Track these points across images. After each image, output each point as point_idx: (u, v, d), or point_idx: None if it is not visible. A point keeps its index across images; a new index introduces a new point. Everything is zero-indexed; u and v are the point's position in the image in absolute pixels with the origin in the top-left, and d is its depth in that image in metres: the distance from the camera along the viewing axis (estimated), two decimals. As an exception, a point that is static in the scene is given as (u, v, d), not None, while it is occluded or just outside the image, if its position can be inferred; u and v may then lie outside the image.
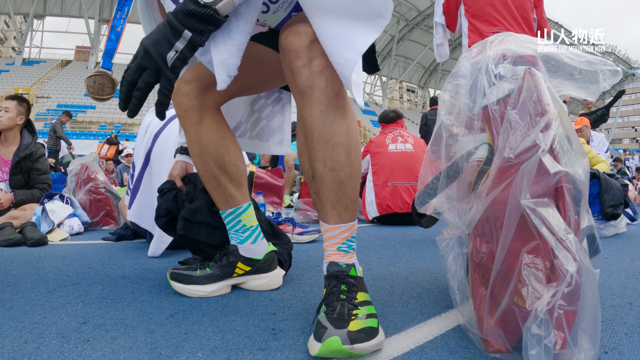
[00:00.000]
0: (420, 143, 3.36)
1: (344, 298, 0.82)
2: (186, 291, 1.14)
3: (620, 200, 2.49)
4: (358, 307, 0.81)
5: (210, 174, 1.15)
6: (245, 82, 1.15)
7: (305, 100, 0.84)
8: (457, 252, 0.88)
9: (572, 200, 0.72)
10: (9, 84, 23.66)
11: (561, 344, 0.66)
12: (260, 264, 1.20)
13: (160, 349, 0.79)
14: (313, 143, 0.86)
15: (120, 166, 7.79)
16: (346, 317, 0.77)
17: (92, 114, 22.51)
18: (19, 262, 1.60)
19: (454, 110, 0.90)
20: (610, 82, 0.80)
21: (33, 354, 0.75)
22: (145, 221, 1.89)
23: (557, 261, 0.68)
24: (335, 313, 0.78)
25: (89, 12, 28.96)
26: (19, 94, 3.00)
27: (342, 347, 0.70)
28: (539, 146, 0.71)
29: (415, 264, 1.60)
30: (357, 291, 0.85)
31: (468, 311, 0.82)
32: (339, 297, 0.82)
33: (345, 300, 0.81)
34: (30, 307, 1.02)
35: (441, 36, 2.46)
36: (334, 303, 0.81)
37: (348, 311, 0.79)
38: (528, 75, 0.78)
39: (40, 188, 2.60)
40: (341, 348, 0.70)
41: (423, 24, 31.91)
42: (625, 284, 1.30)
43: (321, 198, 0.89)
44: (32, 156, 2.59)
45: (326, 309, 0.81)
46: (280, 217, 2.47)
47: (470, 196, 0.85)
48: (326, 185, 0.87)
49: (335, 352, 0.71)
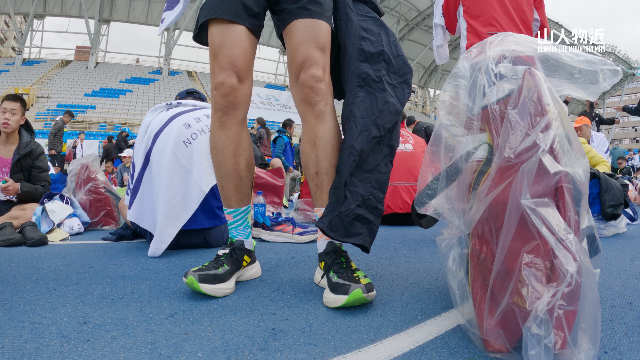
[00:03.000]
0: (420, 143, 3.35)
1: (345, 267, 1.13)
2: (215, 291, 1.12)
3: (620, 200, 2.49)
4: (356, 270, 1.13)
5: (238, 174, 1.26)
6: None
7: (319, 121, 1.22)
8: (457, 252, 0.88)
9: (572, 200, 0.72)
10: (9, 84, 23.64)
11: (561, 344, 0.66)
12: (254, 255, 1.36)
13: (160, 349, 0.79)
14: (323, 148, 1.22)
15: (120, 166, 7.78)
16: (355, 277, 1.06)
17: (92, 114, 22.50)
18: (19, 262, 1.60)
19: (454, 111, 0.90)
20: (610, 82, 0.80)
21: (33, 354, 0.75)
22: (145, 221, 1.89)
23: (557, 261, 0.68)
24: (346, 275, 1.07)
25: (89, 12, 28.95)
26: (18, 94, 3.00)
27: (363, 295, 0.99)
28: (539, 146, 0.71)
29: (415, 264, 1.60)
30: (350, 261, 1.18)
31: (468, 311, 0.82)
32: (342, 266, 1.13)
33: (347, 268, 1.12)
34: (30, 307, 1.02)
35: (441, 38, 2.45)
36: (340, 270, 1.11)
37: (352, 274, 1.09)
38: (528, 75, 0.78)
39: (42, 185, 2.62)
40: (362, 296, 0.99)
41: (423, 24, 31.91)
42: (625, 284, 1.30)
43: (323, 188, 1.22)
44: (32, 154, 2.61)
45: (337, 274, 1.09)
46: (280, 217, 2.47)
47: (470, 196, 0.85)
48: (329, 177, 1.21)
49: (357, 300, 1.00)
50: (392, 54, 1.27)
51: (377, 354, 0.78)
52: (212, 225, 1.93)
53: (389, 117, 1.19)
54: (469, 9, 2.14)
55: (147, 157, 1.90)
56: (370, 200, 1.15)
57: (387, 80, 1.23)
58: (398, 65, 1.27)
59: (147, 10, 30.43)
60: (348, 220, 1.12)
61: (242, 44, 1.22)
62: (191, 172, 1.84)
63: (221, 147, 1.24)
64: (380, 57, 1.24)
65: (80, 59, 32.70)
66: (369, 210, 1.14)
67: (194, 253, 1.83)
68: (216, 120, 1.24)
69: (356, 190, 1.14)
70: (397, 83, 1.25)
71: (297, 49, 1.22)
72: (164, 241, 1.75)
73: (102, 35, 30.50)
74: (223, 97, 1.21)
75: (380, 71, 1.23)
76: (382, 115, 1.19)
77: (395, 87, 1.24)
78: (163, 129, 1.91)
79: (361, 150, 1.15)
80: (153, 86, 27.86)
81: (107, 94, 25.41)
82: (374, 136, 1.17)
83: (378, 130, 1.17)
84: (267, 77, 34.66)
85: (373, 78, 1.22)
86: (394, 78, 1.25)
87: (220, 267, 1.17)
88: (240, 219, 1.29)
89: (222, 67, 1.20)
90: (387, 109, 1.20)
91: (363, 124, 1.17)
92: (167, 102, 2.14)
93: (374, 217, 1.15)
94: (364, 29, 1.27)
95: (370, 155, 1.18)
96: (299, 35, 1.22)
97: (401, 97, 1.25)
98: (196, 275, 1.11)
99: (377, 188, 1.17)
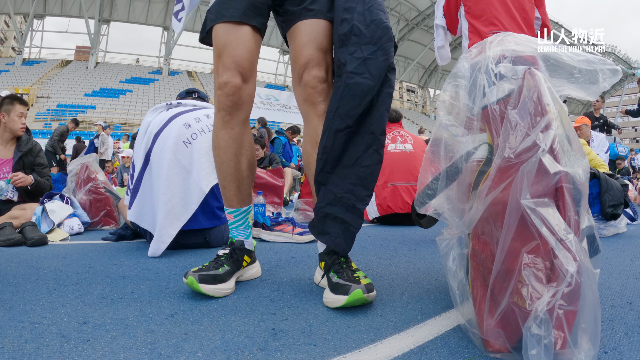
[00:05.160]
0: (420, 143, 3.35)
1: (346, 267, 1.12)
2: (215, 292, 1.12)
3: (620, 200, 2.49)
4: (356, 271, 1.12)
5: (240, 174, 1.25)
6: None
7: (321, 120, 1.21)
8: (457, 252, 0.88)
9: (572, 200, 0.72)
10: (9, 84, 23.62)
11: (561, 343, 0.66)
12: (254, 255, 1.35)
13: (160, 349, 0.79)
14: None
15: (120, 166, 7.79)
16: (355, 278, 1.06)
17: (92, 114, 22.49)
18: (19, 262, 1.60)
19: (454, 111, 0.90)
20: (610, 82, 0.80)
21: (33, 354, 0.75)
22: (145, 221, 1.89)
23: (557, 261, 0.68)
24: (346, 275, 1.07)
25: (89, 12, 28.94)
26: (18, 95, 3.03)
27: (363, 295, 0.99)
28: (539, 146, 0.71)
29: (415, 264, 1.60)
30: (351, 261, 1.17)
31: (468, 311, 0.82)
32: (342, 266, 1.12)
33: (347, 268, 1.12)
34: (30, 307, 1.02)
35: (442, 38, 2.45)
36: (341, 270, 1.10)
37: (352, 274, 1.08)
38: (528, 75, 0.78)
39: (47, 179, 2.64)
40: (362, 296, 0.99)
41: (423, 24, 31.89)
42: (625, 284, 1.30)
43: None
44: (32, 151, 2.65)
45: (337, 274, 1.08)
46: (280, 217, 2.47)
47: (470, 196, 0.85)
48: None
49: (358, 300, 1.00)
50: (364, 22, 1.13)
51: (377, 354, 0.78)
52: (212, 225, 1.93)
53: (353, 102, 1.08)
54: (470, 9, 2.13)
55: (147, 157, 1.90)
56: (346, 199, 1.08)
57: (357, 56, 1.10)
58: (371, 32, 1.11)
59: (147, 10, 30.42)
60: (317, 218, 1.11)
61: (247, 44, 1.22)
62: (191, 172, 1.84)
63: (224, 146, 1.24)
64: (350, 34, 1.12)
65: (80, 59, 32.69)
66: (345, 209, 1.09)
67: (194, 253, 1.83)
68: (219, 119, 1.24)
69: (331, 188, 1.10)
70: (370, 53, 1.09)
71: (301, 50, 1.23)
72: (163, 241, 1.75)
73: (102, 35, 30.49)
74: (227, 96, 1.20)
75: (349, 48, 1.11)
76: (343, 103, 1.08)
77: (367, 60, 1.09)
78: (163, 129, 1.91)
79: (324, 147, 1.09)
80: (153, 86, 27.85)
81: (107, 94, 25.41)
82: (338, 128, 1.08)
83: (341, 121, 1.08)
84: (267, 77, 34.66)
85: (342, 62, 1.12)
86: (365, 50, 1.10)
87: (220, 268, 1.17)
88: (241, 218, 1.30)
89: (227, 66, 1.20)
90: (348, 93, 1.08)
91: (327, 119, 1.11)
92: (167, 102, 2.14)
93: (351, 217, 1.09)
94: (345, 9, 1.16)
95: (348, 149, 1.10)
96: (303, 36, 1.23)
97: (375, 68, 1.09)
98: (196, 275, 1.11)
99: (358, 184, 1.09)
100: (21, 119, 2.59)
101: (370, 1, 1.17)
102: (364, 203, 1.10)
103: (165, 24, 31.00)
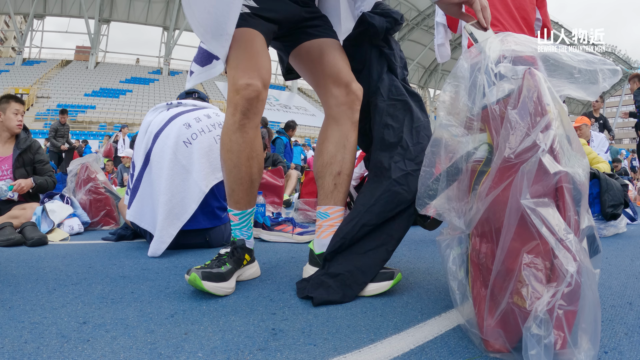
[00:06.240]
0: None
1: None
2: (218, 290, 1.12)
3: (620, 200, 2.49)
4: None
5: (250, 177, 1.25)
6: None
7: (353, 128, 1.33)
8: (457, 252, 0.88)
9: (572, 200, 0.72)
10: (9, 84, 23.63)
11: (561, 343, 0.66)
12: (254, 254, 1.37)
13: (160, 349, 0.79)
14: (352, 152, 1.33)
15: (120, 166, 7.78)
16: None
17: (92, 113, 22.49)
18: (19, 262, 1.60)
19: (453, 111, 0.90)
20: (610, 82, 0.80)
21: (33, 354, 0.75)
22: (145, 221, 1.89)
23: (557, 261, 0.68)
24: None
25: (89, 12, 28.96)
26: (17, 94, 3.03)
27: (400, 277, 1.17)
28: (539, 146, 0.71)
29: (415, 264, 1.60)
30: None
31: (468, 311, 0.82)
32: None
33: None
34: (30, 307, 1.02)
35: (442, 36, 2.45)
36: None
37: None
38: (528, 75, 0.78)
39: (49, 176, 2.65)
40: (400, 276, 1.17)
41: (423, 24, 31.89)
42: (625, 284, 1.30)
43: (341, 188, 1.31)
44: (31, 148, 2.65)
45: None
46: (280, 217, 2.47)
47: (470, 196, 0.85)
48: (350, 178, 1.33)
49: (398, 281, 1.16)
50: (411, 140, 1.26)
51: (377, 354, 0.78)
52: (212, 225, 1.93)
53: (388, 206, 1.17)
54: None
55: (147, 157, 1.90)
56: (344, 277, 1.13)
57: (401, 167, 1.21)
58: (416, 152, 1.23)
59: (147, 10, 30.44)
60: (311, 284, 1.14)
61: (266, 52, 1.24)
62: (191, 172, 1.84)
63: (237, 150, 1.20)
64: (398, 145, 1.25)
65: (80, 59, 32.72)
66: (341, 284, 1.12)
67: (194, 253, 1.83)
68: (235, 122, 1.19)
69: (333, 269, 1.15)
70: (412, 170, 1.20)
71: (343, 61, 1.35)
72: (163, 241, 1.75)
73: (102, 35, 30.52)
74: (247, 100, 1.16)
75: (393, 157, 1.23)
76: (379, 204, 1.17)
77: (408, 175, 1.20)
78: (163, 129, 1.91)
79: (347, 233, 1.16)
80: (153, 86, 27.87)
81: (107, 94, 25.42)
82: (365, 223, 1.16)
83: (371, 218, 1.16)
84: (267, 77, 34.59)
85: (384, 166, 1.23)
86: (409, 165, 1.22)
87: (223, 266, 1.18)
88: (246, 219, 1.30)
89: (248, 69, 1.17)
90: (388, 197, 1.17)
91: (358, 211, 1.19)
92: (167, 102, 2.14)
93: (333, 282, 1.12)
94: (390, 115, 1.30)
95: (364, 240, 1.17)
96: (340, 52, 1.37)
97: (414, 185, 1.18)
98: (199, 272, 1.10)
99: (359, 270, 1.14)
100: (17, 116, 2.58)
101: (416, 119, 1.31)
102: (359, 287, 1.13)
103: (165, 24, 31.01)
